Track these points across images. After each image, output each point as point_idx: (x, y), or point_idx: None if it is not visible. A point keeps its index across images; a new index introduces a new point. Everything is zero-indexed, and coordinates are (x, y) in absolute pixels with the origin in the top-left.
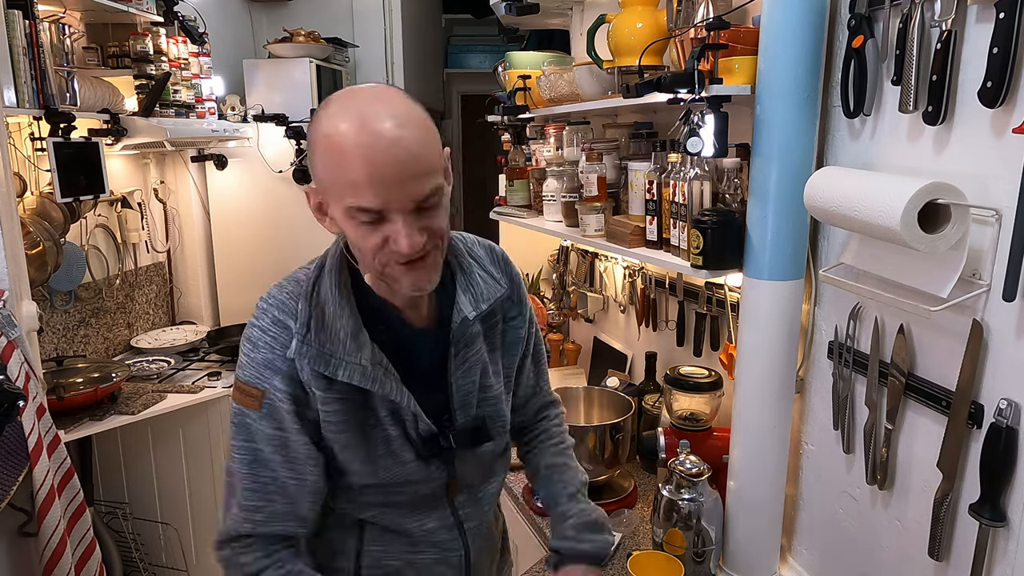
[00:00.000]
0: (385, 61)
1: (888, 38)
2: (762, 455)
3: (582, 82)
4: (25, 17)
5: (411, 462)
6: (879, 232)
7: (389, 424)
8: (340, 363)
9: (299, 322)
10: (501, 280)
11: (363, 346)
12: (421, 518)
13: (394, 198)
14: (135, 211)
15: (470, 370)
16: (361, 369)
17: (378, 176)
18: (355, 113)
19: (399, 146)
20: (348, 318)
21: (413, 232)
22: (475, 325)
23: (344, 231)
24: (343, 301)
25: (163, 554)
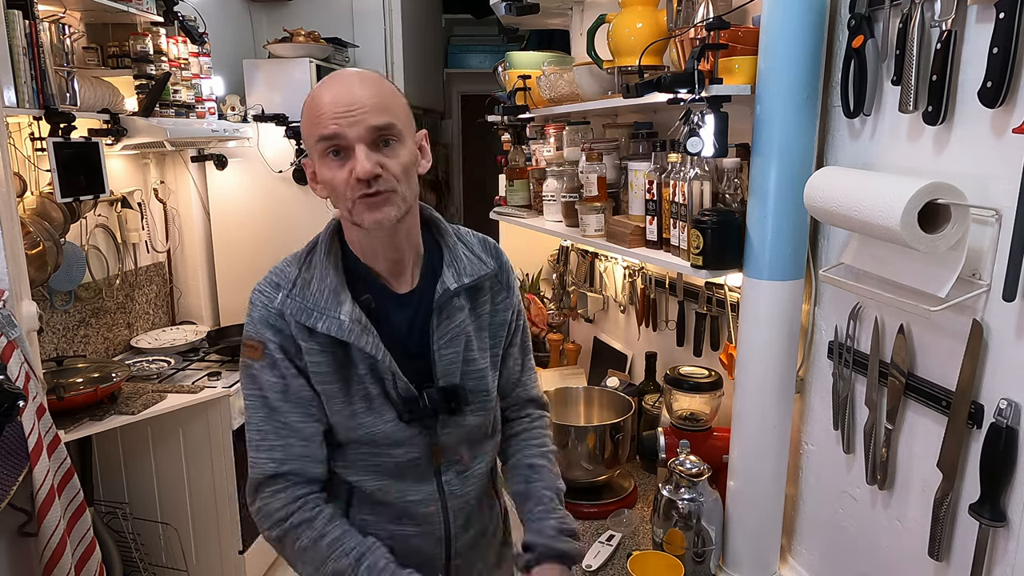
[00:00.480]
0: (385, 61)
1: (888, 38)
2: (762, 455)
3: (582, 82)
4: (25, 17)
5: (391, 421)
6: (879, 232)
7: (369, 381)
8: (320, 316)
9: (287, 280)
10: (488, 262)
11: (343, 303)
12: (405, 490)
13: (350, 126)
14: (135, 211)
15: (453, 340)
16: (339, 323)
17: (334, 107)
18: (331, 77)
19: (356, 84)
20: (331, 279)
21: (368, 160)
22: (459, 299)
23: (324, 182)
24: (328, 265)
25: (163, 554)
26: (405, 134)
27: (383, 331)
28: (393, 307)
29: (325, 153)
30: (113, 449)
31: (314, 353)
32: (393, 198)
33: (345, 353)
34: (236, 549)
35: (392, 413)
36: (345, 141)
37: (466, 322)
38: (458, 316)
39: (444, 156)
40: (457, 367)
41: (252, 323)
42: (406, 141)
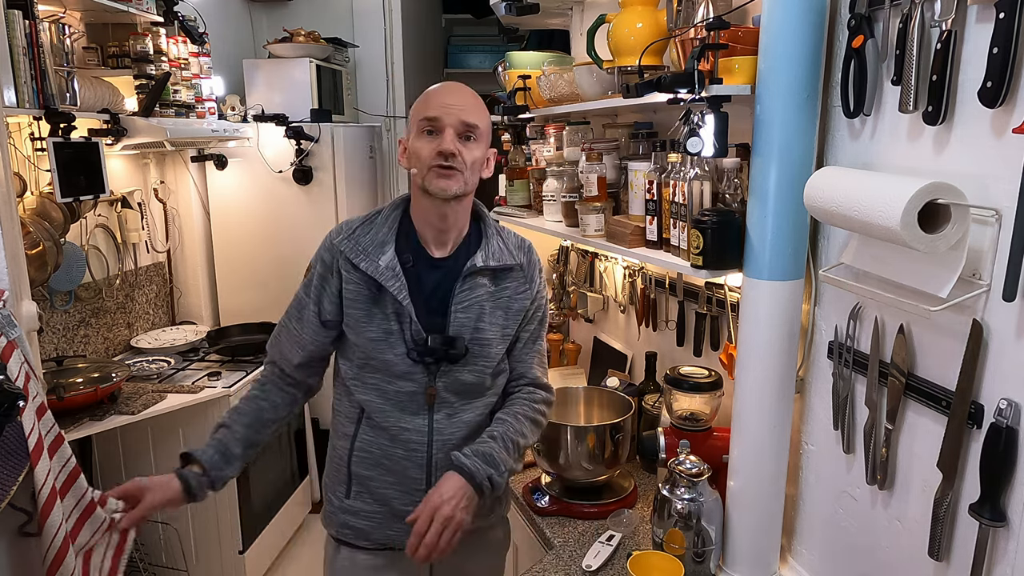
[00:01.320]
0: (385, 61)
1: (888, 38)
2: (762, 455)
3: (582, 82)
4: (25, 17)
5: (401, 354)
6: (879, 232)
7: (392, 319)
8: (364, 258)
9: (350, 227)
10: (517, 256)
11: (385, 253)
12: (401, 418)
13: (448, 115)
14: (135, 211)
15: (469, 308)
16: (376, 266)
17: (441, 100)
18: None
19: (458, 91)
20: (382, 234)
21: (453, 142)
22: (483, 276)
23: (412, 152)
24: (387, 224)
25: (163, 554)
26: (483, 140)
27: (413, 284)
28: (426, 267)
29: (422, 130)
30: (113, 449)
31: (352, 283)
32: (458, 177)
33: (379, 291)
34: (236, 549)
35: (403, 348)
36: (440, 124)
37: (484, 296)
38: (478, 289)
39: None
40: (468, 330)
41: (317, 252)
42: (482, 145)
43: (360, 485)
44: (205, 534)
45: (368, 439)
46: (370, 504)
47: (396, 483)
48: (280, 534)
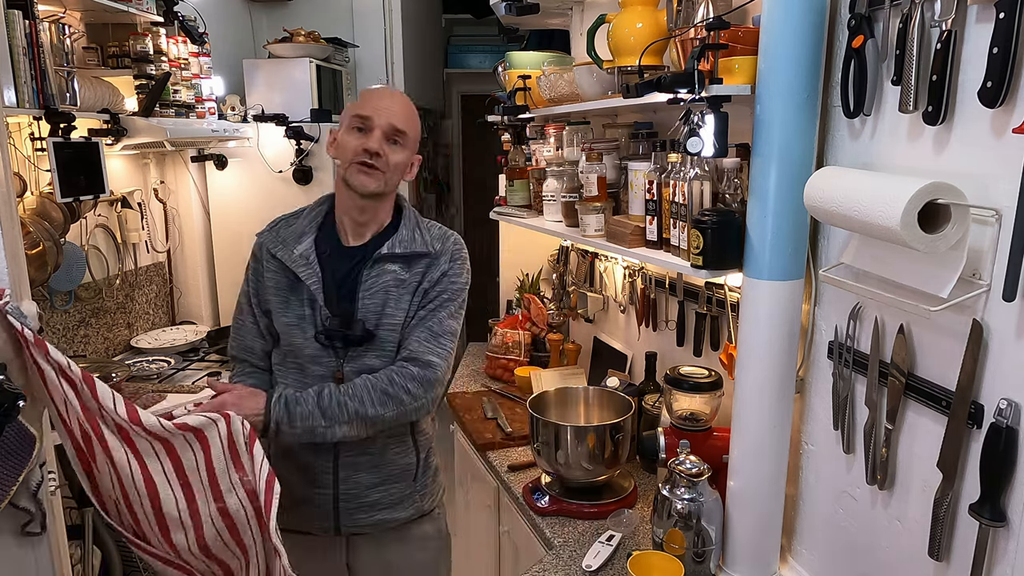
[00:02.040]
0: (385, 61)
1: (888, 38)
2: (762, 455)
3: (582, 82)
4: (25, 17)
5: (310, 338)
6: (879, 232)
7: (306, 305)
8: (282, 247)
9: (274, 221)
10: (432, 245)
11: (302, 243)
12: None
13: (379, 116)
14: (135, 211)
15: (375, 293)
16: (291, 255)
17: (377, 102)
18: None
19: (394, 96)
20: (305, 226)
21: (380, 143)
22: (391, 264)
23: (340, 144)
24: (309, 217)
25: None
26: (409, 147)
27: (327, 272)
28: (340, 256)
29: (353, 126)
30: None
31: (271, 271)
32: (379, 176)
33: (295, 279)
34: None
35: (312, 331)
36: (370, 124)
37: (391, 282)
38: (386, 275)
39: (444, 156)
40: (374, 315)
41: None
42: (407, 151)
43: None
44: None
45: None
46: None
47: (297, 469)
48: None
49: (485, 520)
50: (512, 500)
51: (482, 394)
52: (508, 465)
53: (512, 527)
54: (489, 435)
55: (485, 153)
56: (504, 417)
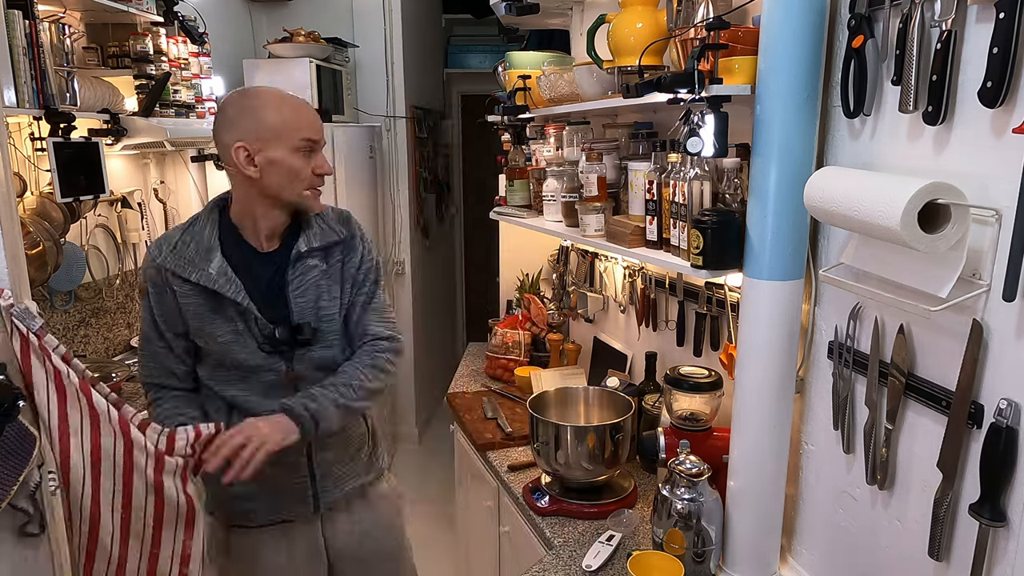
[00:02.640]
0: (385, 61)
1: (888, 38)
2: (762, 455)
3: (582, 82)
4: (25, 17)
5: (253, 351)
6: (879, 232)
7: (237, 320)
8: (194, 269)
9: (170, 242)
10: (340, 230)
11: (212, 260)
12: (269, 404)
13: (322, 136)
14: (135, 211)
15: (305, 291)
16: (208, 275)
17: (315, 120)
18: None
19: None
20: (208, 240)
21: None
22: (312, 258)
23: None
24: (208, 232)
25: None
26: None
27: (248, 282)
28: (257, 263)
29: (299, 148)
30: None
31: (188, 296)
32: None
33: (215, 297)
34: None
35: (254, 344)
36: (318, 145)
37: (318, 276)
38: (311, 272)
39: (444, 156)
40: (311, 312)
41: (143, 271)
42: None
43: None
44: None
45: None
46: (250, 487)
47: (274, 463)
48: None
49: (485, 520)
50: (512, 500)
51: (482, 394)
52: (508, 465)
53: (512, 527)
54: (489, 435)
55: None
56: (504, 417)
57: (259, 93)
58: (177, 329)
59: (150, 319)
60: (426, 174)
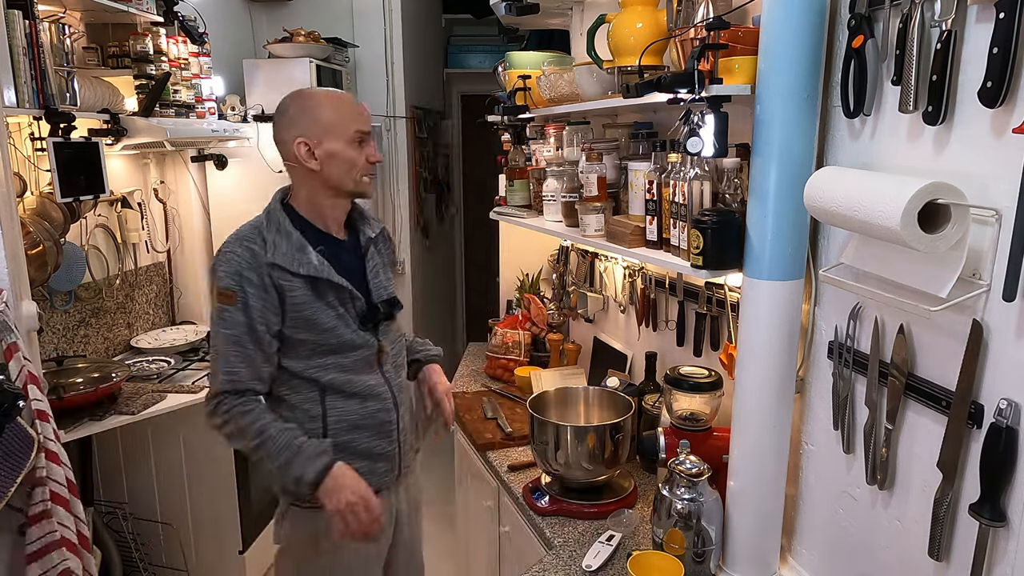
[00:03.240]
0: (385, 61)
1: (888, 38)
2: (762, 455)
3: (582, 82)
4: (25, 17)
5: (354, 329)
6: (879, 232)
7: (336, 304)
8: (299, 263)
9: (268, 243)
10: (376, 223)
11: (308, 252)
12: (365, 379)
13: (371, 127)
14: (135, 211)
15: (377, 271)
16: (313, 265)
17: (362, 112)
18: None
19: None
20: (296, 238)
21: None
22: (373, 245)
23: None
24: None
25: (163, 554)
26: None
27: (337, 267)
28: (338, 250)
29: (354, 140)
30: (113, 449)
31: (295, 289)
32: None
33: (316, 286)
34: (236, 549)
35: (355, 324)
36: (369, 136)
37: (378, 261)
38: (375, 257)
39: (444, 156)
40: (383, 289)
41: (231, 276)
42: None
43: (339, 452)
44: (205, 534)
45: (340, 409)
46: (353, 463)
47: (375, 434)
48: None
49: (485, 520)
50: (512, 500)
51: (482, 394)
52: (508, 465)
53: (512, 527)
54: (489, 435)
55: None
56: (504, 417)
57: (314, 94)
58: (273, 329)
59: (245, 322)
60: (426, 174)
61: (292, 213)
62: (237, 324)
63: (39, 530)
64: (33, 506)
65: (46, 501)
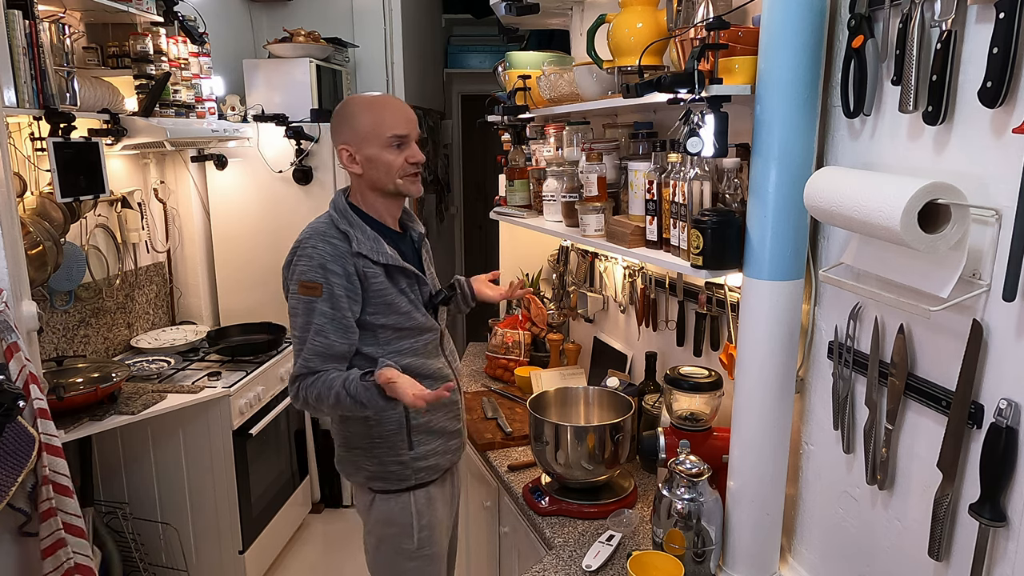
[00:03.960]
0: (385, 61)
1: (888, 38)
2: (762, 455)
3: (582, 82)
4: (25, 17)
5: (423, 312)
6: (879, 232)
7: (408, 290)
8: (379, 253)
9: (350, 236)
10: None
11: (382, 244)
12: (434, 362)
13: (412, 130)
14: (135, 211)
15: (429, 264)
16: (390, 255)
17: (405, 117)
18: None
19: (403, 105)
20: (369, 231)
21: (420, 153)
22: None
23: (381, 163)
24: (360, 222)
25: (163, 554)
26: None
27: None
28: (399, 242)
29: (391, 144)
30: (113, 449)
31: (377, 276)
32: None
33: (390, 273)
34: (236, 549)
35: (423, 308)
36: (408, 139)
37: (427, 255)
38: (425, 251)
39: (444, 156)
40: (434, 280)
41: (315, 269)
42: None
43: (420, 433)
44: (205, 534)
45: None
46: (431, 442)
47: (447, 413)
48: (280, 534)
49: (485, 520)
50: (512, 500)
51: (482, 394)
52: (508, 465)
53: (512, 527)
54: (489, 435)
55: (485, 153)
56: (504, 417)
57: (352, 101)
58: (356, 316)
59: (330, 311)
60: (426, 174)
61: (356, 210)
62: (321, 314)
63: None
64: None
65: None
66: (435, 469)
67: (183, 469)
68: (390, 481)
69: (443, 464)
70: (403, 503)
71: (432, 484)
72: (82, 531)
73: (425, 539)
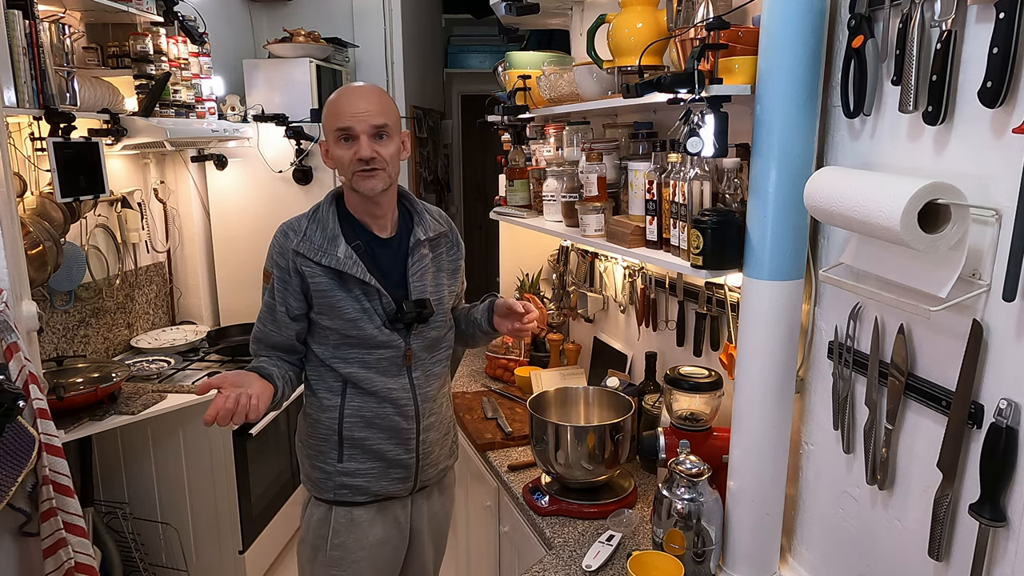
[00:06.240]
0: (385, 61)
1: (888, 38)
2: (762, 455)
3: (582, 82)
4: (25, 17)
5: (378, 326)
6: (879, 232)
7: (362, 298)
8: (323, 254)
9: (298, 230)
10: (442, 224)
11: (338, 245)
12: (387, 382)
13: (358, 122)
14: (135, 211)
15: (422, 276)
16: (336, 258)
17: (351, 108)
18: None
19: (364, 95)
20: (332, 229)
21: (368, 147)
22: (424, 247)
23: (334, 159)
24: (329, 219)
25: (163, 554)
26: (394, 134)
27: (370, 264)
28: (378, 248)
29: (338, 139)
30: (113, 449)
31: (317, 276)
32: (380, 175)
33: (342, 278)
34: (236, 549)
35: (379, 320)
36: (353, 132)
37: (428, 264)
38: (424, 259)
39: (444, 156)
40: (425, 293)
41: (269, 258)
42: (395, 139)
43: (353, 447)
44: (205, 534)
45: (357, 405)
46: (364, 462)
47: (389, 437)
48: (280, 534)
49: (485, 520)
50: (512, 500)
51: (482, 394)
52: (508, 465)
53: (512, 527)
54: (489, 435)
55: (485, 153)
56: (504, 417)
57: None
58: (294, 312)
59: (269, 301)
60: (426, 174)
61: (342, 207)
62: (265, 303)
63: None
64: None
65: (51, 499)
66: (362, 491)
67: (183, 469)
68: (315, 486)
69: (375, 489)
70: (323, 513)
71: (358, 507)
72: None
73: (336, 559)
